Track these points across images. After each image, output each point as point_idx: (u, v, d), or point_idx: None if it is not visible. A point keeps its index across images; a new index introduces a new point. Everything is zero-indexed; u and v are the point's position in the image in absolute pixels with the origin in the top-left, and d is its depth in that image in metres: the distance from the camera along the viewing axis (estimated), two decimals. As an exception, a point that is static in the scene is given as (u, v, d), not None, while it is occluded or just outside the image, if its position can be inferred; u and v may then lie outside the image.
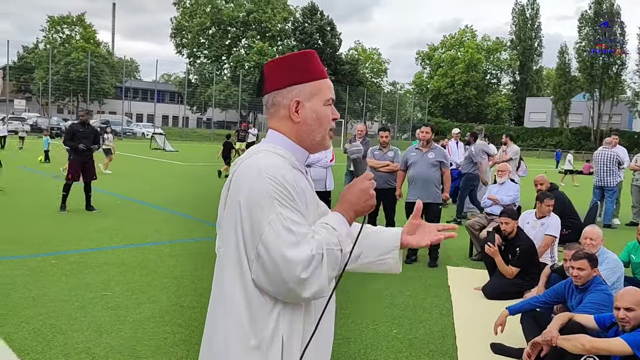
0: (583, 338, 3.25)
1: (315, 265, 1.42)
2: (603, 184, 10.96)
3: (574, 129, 57.72)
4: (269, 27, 60.97)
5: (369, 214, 1.71)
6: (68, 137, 9.56)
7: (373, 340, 4.41)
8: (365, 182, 1.61)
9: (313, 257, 1.42)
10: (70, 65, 52.68)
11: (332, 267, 1.47)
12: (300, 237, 1.44)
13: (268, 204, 1.45)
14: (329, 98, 1.65)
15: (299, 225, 1.46)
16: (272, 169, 1.49)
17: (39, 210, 9.36)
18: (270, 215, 1.44)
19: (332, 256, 1.46)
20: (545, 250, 6.10)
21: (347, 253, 1.51)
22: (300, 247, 1.42)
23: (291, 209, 1.47)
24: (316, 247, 1.44)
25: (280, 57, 1.65)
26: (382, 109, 69.35)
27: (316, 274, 1.43)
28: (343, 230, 1.52)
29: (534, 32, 71.43)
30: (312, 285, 1.43)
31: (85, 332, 4.23)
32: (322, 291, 1.46)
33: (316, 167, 7.19)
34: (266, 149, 1.59)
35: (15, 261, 6.10)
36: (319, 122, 1.64)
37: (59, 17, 57.59)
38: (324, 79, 1.66)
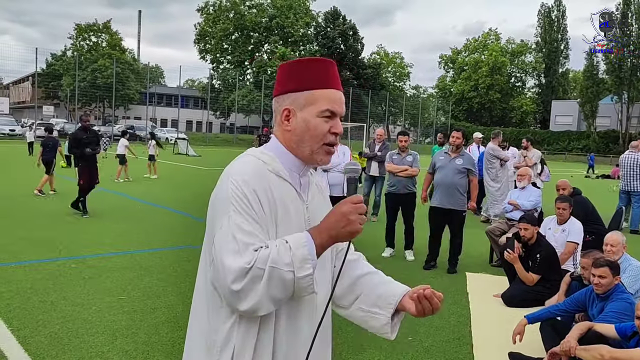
0: (603, 348, 3.15)
1: (250, 280, 1.34)
2: (630, 188, 10.70)
3: (601, 132, 56.65)
4: (292, 32, 61.21)
5: (388, 219, 1.63)
6: (74, 145, 9.73)
7: (389, 348, 4.34)
8: (348, 205, 1.45)
9: (248, 270, 1.34)
10: (96, 71, 53.63)
11: (275, 287, 1.36)
12: (242, 246, 1.37)
13: (225, 207, 1.43)
14: (324, 109, 1.54)
15: (246, 235, 1.39)
16: (239, 174, 1.46)
17: (61, 215, 9.51)
18: (223, 219, 1.42)
19: (277, 276, 1.35)
20: (568, 258, 5.96)
21: (301, 278, 1.37)
22: (238, 257, 1.36)
23: (244, 216, 1.41)
24: (257, 261, 1.35)
25: (289, 62, 1.60)
26: (405, 113, 69.01)
27: (252, 290, 1.35)
28: (301, 252, 1.38)
29: (560, 34, 70.44)
30: (246, 299, 1.36)
31: (100, 336, 4.26)
32: (258, 309, 1.37)
33: (334, 172, 7.16)
34: (252, 154, 1.56)
35: (36, 265, 6.20)
36: (309, 133, 1.54)
37: (86, 25, 58.72)
38: (326, 89, 1.55)
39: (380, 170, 9.81)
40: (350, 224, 1.44)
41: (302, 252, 1.39)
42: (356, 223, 1.44)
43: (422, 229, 7.73)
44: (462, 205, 6.96)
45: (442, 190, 6.94)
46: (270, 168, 1.52)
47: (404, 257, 7.46)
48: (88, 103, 57.57)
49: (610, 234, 4.90)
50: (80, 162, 9.69)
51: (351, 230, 1.44)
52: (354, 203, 1.46)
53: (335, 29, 62.80)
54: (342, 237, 1.46)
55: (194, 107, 72.27)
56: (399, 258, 7.46)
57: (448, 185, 6.90)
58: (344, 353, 4.19)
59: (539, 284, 5.60)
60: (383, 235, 7.73)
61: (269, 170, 1.51)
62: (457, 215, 6.95)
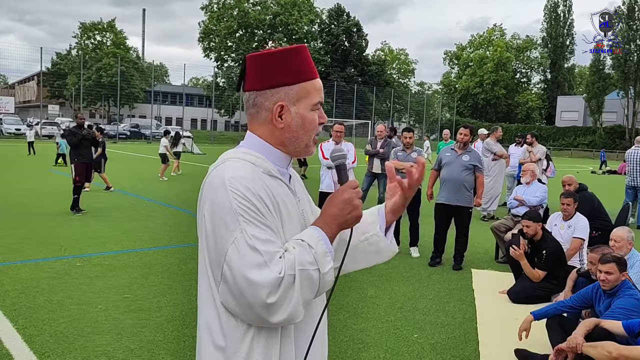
0: (610, 345, 3.12)
1: (284, 289, 1.28)
2: (636, 183, 10.63)
3: (607, 127, 56.35)
4: (296, 29, 61.15)
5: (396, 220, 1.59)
6: (69, 134, 9.79)
7: (394, 345, 4.33)
8: (349, 191, 1.43)
9: (282, 279, 1.27)
10: (101, 70, 53.77)
11: (306, 289, 1.31)
12: (268, 257, 1.29)
13: (232, 220, 1.32)
14: (317, 102, 1.49)
15: (267, 244, 1.31)
16: (237, 180, 1.35)
17: (65, 214, 9.54)
18: (234, 234, 1.31)
19: (306, 277, 1.31)
20: (574, 254, 5.92)
21: (326, 273, 1.34)
22: (267, 269, 1.28)
23: (258, 225, 1.32)
24: (286, 268, 1.29)
25: (266, 51, 1.47)
26: (410, 110, 68.87)
27: (286, 298, 1.28)
28: (320, 247, 1.35)
29: (566, 30, 70.05)
30: (281, 310, 1.29)
31: (106, 335, 4.26)
32: (294, 317, 1.31)
33: (337, 169, 7.15)
34: (235, 156, 1.45)
35: (42, 264, 6.21)
36: (304, 128, 1.48)
37: (91, 24, 58.86)
38: (314, 79, 1.49)
39: (382, 167, 9.79)
40: (355, 209, 1.42)
41: (322, 247, 1.35)
42: (360, 207, 1.44)
43: (427, 226, 7.71)
44: (469, 201, 6.93)
45: (449, 186, 6.91)
46: (262, 169, 1.44)
47: (409, 254, 7.44)
48: (93, 102, 57.72)
49: (616, 229, 4.86)
50: (77, 158, 9.70)
51: (357, 214, 1.43)
52: (353, 188, 1.44)
53: (340, 26, 62.72)
54: (348, 223, 1.43)
55: (198, 105, 72.36)
56: (404, 255, 7.44)
57: (455, 181, 6.87)
58: (349, 351, 4.18)
59: (545, 280, 5.56)
60: (388, 232, 7.70)
61: (262, 172, 1.43)
62: (464, 211, 6.92)
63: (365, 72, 63.10)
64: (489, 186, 10.78)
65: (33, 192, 12.02)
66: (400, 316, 5.01)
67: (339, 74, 60.88)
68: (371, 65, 64.57)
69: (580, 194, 6.77)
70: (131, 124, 51.25)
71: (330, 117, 48.86)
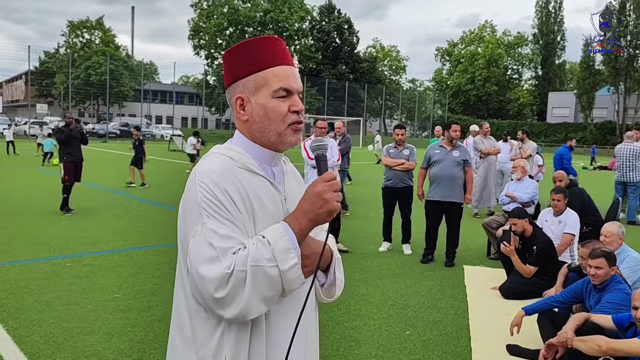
0: (600, 339, 3.13)
1: (234, 284, 1.26)
2: (626, 179, 10.69)
3: (598, 123, 56.66)
4: (286, 26, 60.98)
5: (385, 214, 1.53)
6: (58, 132, 9.71)
7: (386, 342, 4.33)
8: (320, 184, 1.37)
9: (229, 274, 1.26)
10: (90, 69, 53.40)
11: (263, 286, 1.29)
12: (220, 252, 1.28)
13: (196, 213, 1.34)
14: (277, 88, 1.44)
15: (223, 239, 1.30)
16: (206, 174, 1.36)
17: (54, 214, 9.46)
18: (196, 227, 1.33)
19: (261, 274, 1.28)
20: (565, 249, 5.95)
21: (287, 270, 1.30)
22: (217, 264, 1.27)
23: (219, 220, 1.32)
24: (237, 264, 1.27)
25: (232, 47, 1.49)
26: (402, 107, 68.96)
27: (237, 294, 1.27)
28: (281, 244, 1.31)
29: (557, 26, 70.35)
30: (232, 306, 1.28)
31: (96, 335, 4.23)
32: (248, 313, 1.29)
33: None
34: (216, 151, 1.47)
35: (31, 265, 6.16)
36: (268, 117, 1.45)
37: (79, 22, 58.43)
38: (274, 67, 1.45)
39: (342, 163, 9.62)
40: (327, 203, 1.36)
41: (283, 243, 1.31)
42: (333, 201, 1.36)
43: (419, 223, 7.72)
44: (461, 197, 6.95)
45: (441, 183, 6.91)
46: (239, 164, 1.43)
47: (402, 251, 7.44)
48: (82, 101, 57.35)
49: (606, 224, 4.88)
50: (66, 157, 9.60)
51: (329, 209, 1.36)
52: (327, 181, 1.37)
53: (331, 23, 62.64)
54: (320, 218, 1.37)
55: (189, 103, 72.09)
56: (397, 252, 7.44)
57: (447, 178, 6.87)
58: (342, 348, 4.17)
59: (536, 275, 5.58)
60: (380, 229, 7.71)
61: (238, 167, 1.42)
62: (456, 208, 6.93)
63: (357, 69, 63.08)
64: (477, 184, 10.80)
65: (21, 192, 11.92)
66: (392, 313, 5.01)
67: (330, 71, 60.84)
68: (362, 63, 64.54)
69: (571, 190, 6.80)
70: (121, 122, 50.99)
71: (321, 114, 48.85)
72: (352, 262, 6.78)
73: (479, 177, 10.90)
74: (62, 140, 9.56)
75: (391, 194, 7.42)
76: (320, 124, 7.71)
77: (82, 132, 9.85)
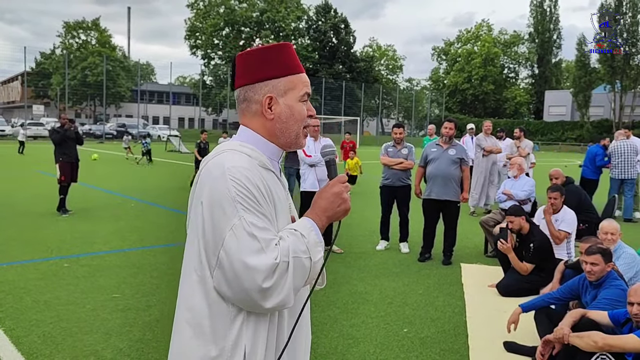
0: (596, 335, 3.15)
1: (279, 274, 1.34)
2: (624, 176, 10.71)
3: (594, 121, 56.79)
4: (283, 26, 60.99)
5: (383, 212, 1.63)
6: (53, 133, 9.68)
7: (383, 340, 4.34)
8: (338, 185, 1.52)
9: (277, 265, 1.34)
10: (86, 69, 53.33)
11: (298, 276, 1.38)
12: (265, 243, 1.35)
13: (231, 207, 1.37)
14: (304, 94, 1.56)
15: (264, 231, 1.37)
16: (236, 169, 1.40)
17: (52, 214, 9.45)
18: (233, 220, 1.36)
19: (299, 265, 1.37)
20: (560, 243, 5.95)
21: (316, 262, 1.42)
22: (264, 255, 1.34)
23: (255, 214, 1.38)
24: (282, 255, 1.35)
25: (254, 49, 1.56)
26: (399, 106, 69.00)
27: (280, 284, 1.35)
28: (312, 237, 1.43)
29: (553, 24, 70.46)
30: (275, 295, 1.34)
31: (94, 334, 4.23)
32: (286, 302, 1.37)
33: (321, 167, 7.11)
34: (232, 148, 1.50)
35: (29, 265, 6.15)
36: (294, 119, 1.55)
37: (75, 23, 58.32)
38: (300, 73, 1.57)
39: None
40: (344, 202, 1.51)
41: (313, 237, 1.43)
42: (349, 201, 1.52)
43: (416, 221, 7.74)
44: (457, 196, 6.96)
45: (437, 181, 6.92)
46: (257, 161, 1.49)
47: (399, 250, 7.46)
48: (79, 102, 57.27)
49: (607, 222, 4.90)
50: (61, 157, 9.59)
51: (346, 208, 1.51)
52: (342, 182, 1.53)
53: (327, 23, 62.65)
54: (338, 216, 1.52)
55: (185, 103, 72.06)
56: (394, 250, 7.46)
57: (443, 176, 6.89)
58: (340, 346, 4.18)
59: (533, 273, 5.61)
60: (377, 228, 7.73)
61: (257, 164, 1.48)
62: (452, 206, 6.95)
63: (354, 69, 63.10)
64: (478, 182, 10.84)
65: (18, 193, 11.90)
66: (390, 311, 5.02)
67: (327, 71, 60.84)
68: (359, 62, 64.57)
69: (567, 188, 6.83)
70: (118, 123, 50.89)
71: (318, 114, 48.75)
72: (350, 261, 6.79)
73: (480, 175, 10.91)
74: (57, 141, 9.55)
75: (389, 192, 7.44)
76: (313, 122, 7.62)
77: (76, 132, 9.84)
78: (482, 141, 11.24)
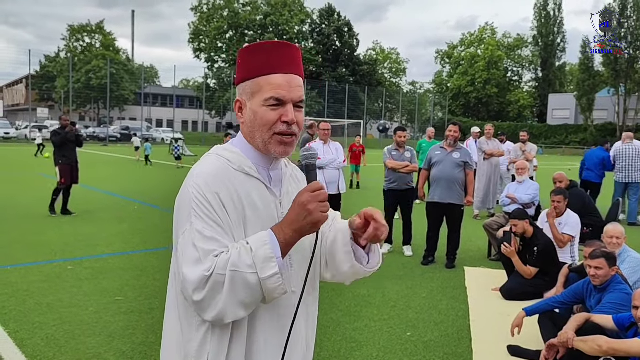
0: (600, 339, 3.14)
1: (211, 288, 1.27)
2: (629, 180, 10.67)
3: (598, 125, 56.67)
4: (287, 29, 61.10)
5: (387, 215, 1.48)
6: (54, 135, 9.68)
7: (387, 344, 4.33)
8: (306, 194, 1.35)
9: (208, 278, 1.27)
10: (90, 72, 53.51)
11: (240, 292, 1.28)
12: (203, 254, 1.30)
13: (186, 213, 1.36)
14: (268, 97, 1.42)
15: (208, 241, 1.31)
16: (200, 175, 1.39)
17: (55, 217, 9.47)
18: (185, 226, 1.36)
19: (239, 280, 1.28)
20: (563, 247, 5.93)
21: (267, 279, 1.29)
22: (198, 265, 1.29)
23: (206, 221, 1.33)
24: (217, 267, 1.28)
25: (247, 46, 1.49)
26: (402, 109, 68.99)
27: (214, 298, 1.28)
28: (262, 252, 1.30)
29: (557, 28, 70.38)
30: (209, 309, 1.29)
31: (97, 337, 4.24)
32: (225, 317, 1.30)
33: (330, 169, 7.12)
34: (214, 152, 1.50)
35: (32, 267, 6.16)
36: (257, 124, 1.45)
37: (79, 26, 58.54)
38: (270, 75, 1.43)
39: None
40: (311, 214, 1.33)
41: (264, 251, 1.30)
42: (317, 212, 1.34)
43: (419, 225, 7.72)
44: (461, 199, 6.94)
45: (441, 184, 6.91)
46: (236, 166, 1.44)
47: (402, 253, 7.45)
48: (83, 104, 57.43)
49: (612, 226, 4.88)
50: (61, 160, 9.61)
51: (313, 220, 1.34)
52: (312, 191, 1.36)
53: (331, 26, 62.74)
54: (305, 229, 1.36)
55: (189, 106, 72.17)
56: (398, 254, 7.44)
57: (447, 179, 6.87)
58: (343, 350, 4.17)
59: (537, 276, 5.59)
60: (380, 231, 7.70)
61: (234, 169, 1.44)
62: (456, 209, 6.93)
63: (357, 72, 63.15)
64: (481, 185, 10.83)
65: (22, 195, 11.93)
66: (393, 315, 5.01)
67: (330, 74, 60.91)
68: (363, 65, 64.63)
69: (571, 191, 6.80)
70: (121, 126, 51.02)
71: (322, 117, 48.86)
72: (353, 264, 6.77)
73: (483, 179, 10.90)
74: (58, 143, 9.60)
75: (394, 196, 7.43)
76: (324, 126, 7.57)
77: (77, 135, 9.87)
78: (483, 144, 11.23)
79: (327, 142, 7.43)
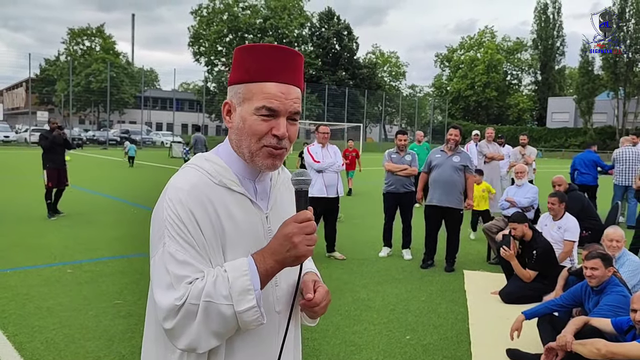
0: (599, 342, 3.15)
1: (183, 317, 1.20)
2: (628, 182, 10.69)
3: (598, 128, 56.70)
4: (286, 33, 61.16)
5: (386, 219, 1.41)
6: (42, 139, 9.70)
7: (386, 347, 4.33)
8: (291, 225, 1.25)
9: (179, 307, 1.19)
10: (90, 76, 53.56)
11: (213, 323, 1.21)
12: (175, 280, 1.21)
13: (160, 232, 1.27)
14: (260, 106, 1.30)
15: (179, 266, 1.22)
16: (174, 191, 1.29)
17: (55, 220, 9.47)
18: (158, 247, 1.26)
19: (213, 311, 1.20)
20: (567, 257, 5.95)
21: (243, 312, 1.21)
22: (170, 292, 1.21)
23: (179, 243, 1.24)
24: (190, 296, 1.20)
25: (243, 45, 1.38)
26: (402, 113, 69.03)
27: (186, 326, 1.20)
28: (239, 284, 1.21)
29: (556, 31, 70.49)
30: (181, 338, 1.22)
31: (97, 341, 4.24)
32: (198, 346, 1.22)
33: (329, 173, 7.12)
34: (194, 162, 1.37)
35: (32, 271, 6.17)
36: (245, 132, 1.33)
37: (79, 29, 58.62)
38: (264, 82, 1.31)
39: None
40: (295, 248, 1.23)
41: (242, 283, 1.21)
42: (302, 245, 1.24)
43: (418, 228, 7.73)
44: (460, 203, 6.95)
45: (440, 188, 6.92)
46: (216, 180, 1.32)
47: (402, 257, 7.45)
48: (83, 108, 57.45)
49: (612, 229, 4.89)
50: (48, 164, 9.63)
51: (297, 254, 1.24)
52: (300, 222, 1.25)
53: (330, 29, 62.82)
54: (288, 262, 1.26)
55: (189, 110, 72.20)
56: (397, 257, 7.45)
57: (446, 183, 6.87)
58: (342, 353, 4.17)
59: (536, 280, 5.60)
60: (379, 234, 7.72)
61: (215, 183, 1.32)
62: (455, 213, 6.93)
63: (357, 75, 63.19)
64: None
65: (21, 198, 11.93)
66: (392, 318, 5.01)
67: (330, 78, 60.96)
68: (362, 69, 64.68)
69: (570, 194, 6.82)
70: (121, 129, 51.04)
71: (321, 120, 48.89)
72: (352, 268, 6.79)
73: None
74: (46, 147, 9.62)
75: (393, 199, 7.44)
76: (323, 129, 7.40)
77: (65, 139, 9.88)
78: (484, 148, 11.24)
79: (325, 145, 7.35)
